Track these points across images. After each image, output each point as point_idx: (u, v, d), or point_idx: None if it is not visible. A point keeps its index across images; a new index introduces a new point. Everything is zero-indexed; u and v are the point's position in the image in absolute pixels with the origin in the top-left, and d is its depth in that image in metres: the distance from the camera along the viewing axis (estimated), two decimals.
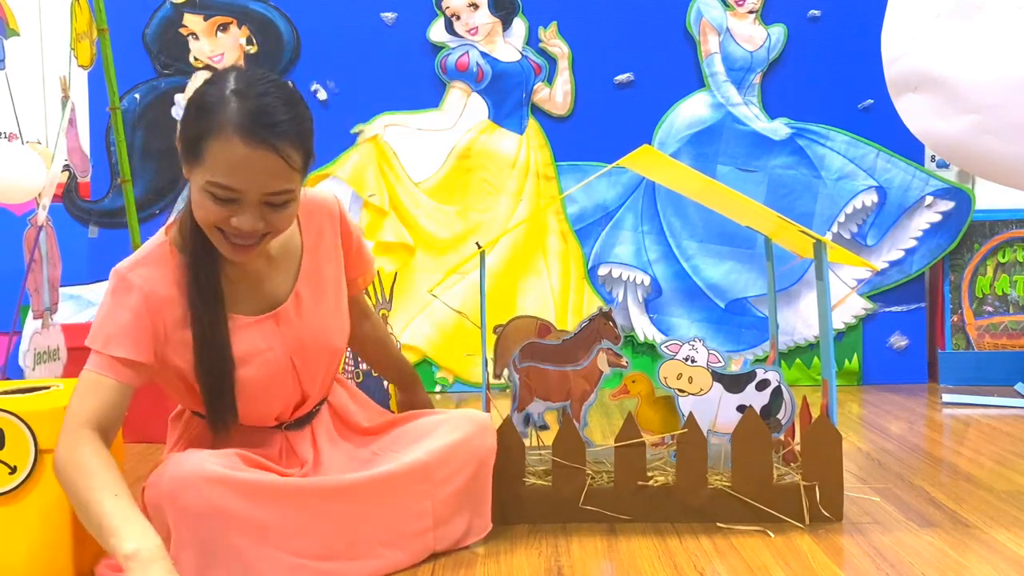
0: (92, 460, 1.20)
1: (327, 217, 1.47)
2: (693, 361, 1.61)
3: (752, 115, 3.03)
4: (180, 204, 2.98)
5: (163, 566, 1.12)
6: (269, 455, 1.42)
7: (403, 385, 1.81)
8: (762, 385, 1.60)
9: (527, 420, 1.68)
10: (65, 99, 2.34)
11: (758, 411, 1.57)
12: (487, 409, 1.64)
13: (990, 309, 3.05)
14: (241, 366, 1.35)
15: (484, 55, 3.03)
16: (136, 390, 1.30)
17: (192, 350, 1.32)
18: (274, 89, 1.24)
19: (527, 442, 1.63)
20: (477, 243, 1.72)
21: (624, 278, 3.04)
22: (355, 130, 3.04)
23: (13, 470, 1.31)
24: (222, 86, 1.23)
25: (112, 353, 1.26)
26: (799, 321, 3.02)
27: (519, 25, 3.04)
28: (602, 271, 3.04)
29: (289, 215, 1.28)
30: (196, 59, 3.04)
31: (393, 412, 1.77)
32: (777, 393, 1.61)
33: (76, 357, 2.27)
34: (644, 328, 3.02)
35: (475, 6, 3.02)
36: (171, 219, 1.39)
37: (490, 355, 1.74)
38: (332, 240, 1.48)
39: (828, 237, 2.91)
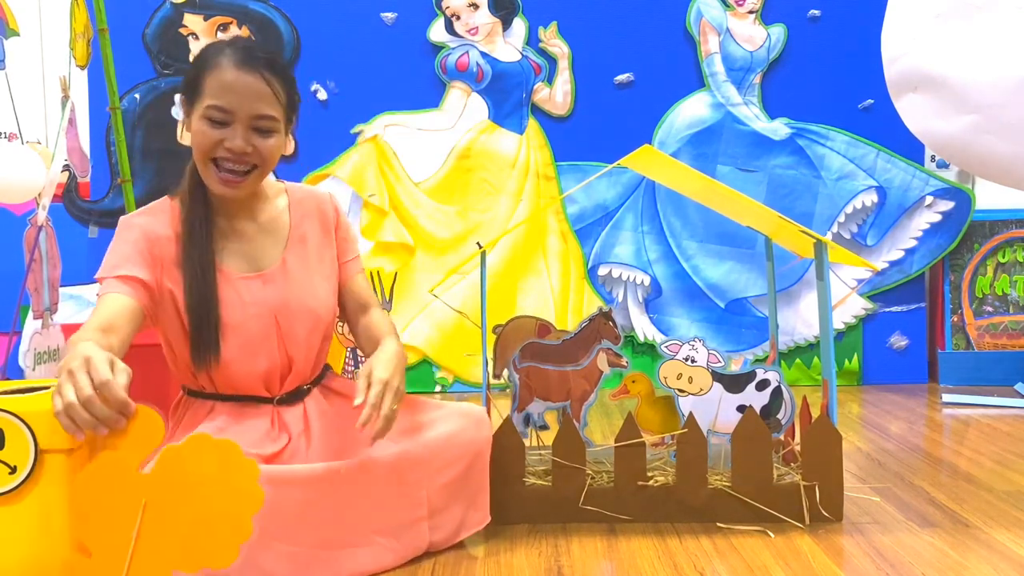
0: (82, 334, 1.27)
1: (316, 202, 1.59)
2: (693, 361, 1.61)
3: (752, 115, 3.03)
4: None
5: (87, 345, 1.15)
6: (258, 426, 1.45)
7: None
8: (762, 385, 1.60)
9: (527, 420, 1.68)
10: (65, 99, 2.34)
11: (758, 411, 1.57)
12: (487, 409, 1.64)
13: (990, 309, 3.05)
14: (226, 310, 1.44)
15: (484, 55, 3.03)
16: (144, 315, 1.39)
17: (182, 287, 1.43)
18: (261, 48, 1.49)
19: (527, 442, 1.63)
20: (478, 243, 1.72)
21: (624, 278, 3.04)
22: (355, 130, 3.04)
23: (13, 470, 1.30)
24: (218, 44, 1.45)
25: (115, 274, 1.39)
26: (799, 321, 3.02)
27: (519, 25, 3.04)
28: (602, 271, 3.04)
29: (273, 146, 1.43)
30: None
31: None
32: (777, 393, 1.61)
33: None
34: (644, 328, 3.01)
35: (475, 6, 3.02)
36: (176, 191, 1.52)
37: (490, 355, 1.74)
38: (322, 222, 1.57)
39: (828, 237, 2.91)
